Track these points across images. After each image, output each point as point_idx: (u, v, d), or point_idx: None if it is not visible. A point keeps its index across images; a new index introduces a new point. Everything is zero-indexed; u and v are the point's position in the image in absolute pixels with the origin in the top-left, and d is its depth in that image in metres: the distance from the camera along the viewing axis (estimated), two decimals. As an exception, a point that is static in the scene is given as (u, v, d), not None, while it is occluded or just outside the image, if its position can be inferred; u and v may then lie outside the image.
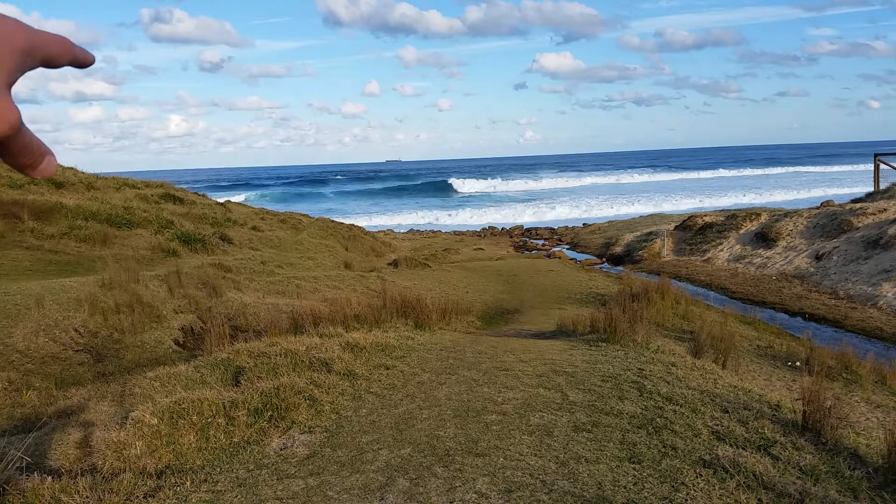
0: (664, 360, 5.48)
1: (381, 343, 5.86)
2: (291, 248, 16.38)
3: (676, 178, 78.80)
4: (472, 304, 11.35)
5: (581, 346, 6.28)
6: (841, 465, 3.34)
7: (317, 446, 3.60)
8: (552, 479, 3.04)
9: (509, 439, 3.55)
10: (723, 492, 2.93)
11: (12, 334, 6.03)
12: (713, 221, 21.15)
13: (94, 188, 15.53)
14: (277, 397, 4.08)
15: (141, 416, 3.69)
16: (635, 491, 2.92)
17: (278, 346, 5.36)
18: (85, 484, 2.95)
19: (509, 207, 48.09)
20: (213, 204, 18.74)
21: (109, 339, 6.57)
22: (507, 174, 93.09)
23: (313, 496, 2.98)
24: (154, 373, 5.12)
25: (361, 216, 44.74)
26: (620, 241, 23.41)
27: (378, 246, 21.83)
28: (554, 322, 8.87)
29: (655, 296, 10.60)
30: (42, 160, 0.47)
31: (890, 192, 19.90)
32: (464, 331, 8.23)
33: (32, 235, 10.55)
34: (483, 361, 5.37)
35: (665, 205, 42.43)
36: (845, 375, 7.49)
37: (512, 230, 34.63)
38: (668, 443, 3.49)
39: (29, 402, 4.91)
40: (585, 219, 38.07)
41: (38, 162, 0.47)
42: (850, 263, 14.92)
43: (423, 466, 3.23)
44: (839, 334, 11.23)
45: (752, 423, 3.82)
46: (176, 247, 12.44)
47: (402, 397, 4.41)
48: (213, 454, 3.54)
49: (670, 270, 18.17)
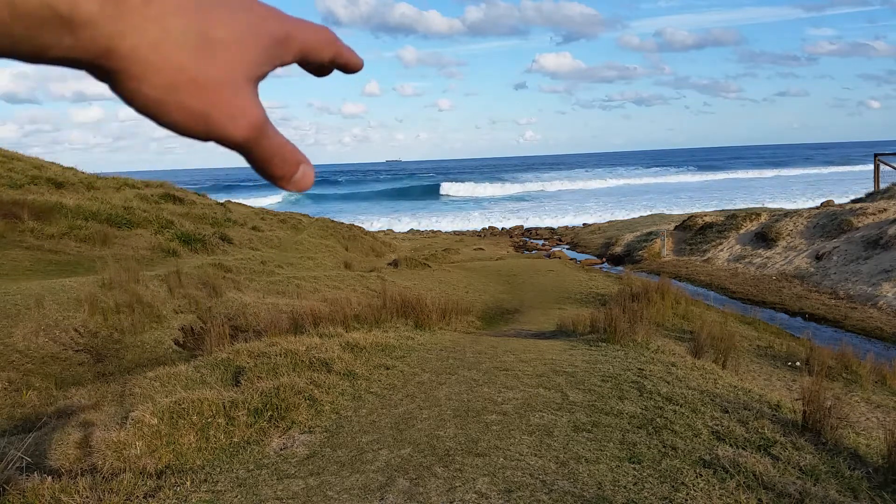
0: (664, 360, 5.48)
1: (381, 343, 5.86)
2: (291, 248, 16.38)
3: (676, 180, 78.70)
4: (472, 304, 11.36)
5: (581, 346, 6.28)
6: (841, 465, 3.34)
7: (317, 446, 3.60)
8: (552, 479, 3.04)
9: (509, 439, 3.55)
10: (723, 492, 2.93)
11: (12, 334, 6.03)
12: (713, 221, 21.15)
13: (94, 188, 15.53)
14: (277, 397, 4.08)
15: (141, 416, 3.69)
16: (635, 491, 2.92)
17: (278, 346, 5.36)
18: (85, 484, 2.95)
19: (509, 208, 48.07)
20: (213, 204, 18.74)
21: (109, 339, 6.57)
22: (507, 175, 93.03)
23: (313, 496, 2.98)
24: (154, 373, 5.12)
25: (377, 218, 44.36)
26: (620, 241, 23.41)
27: (378, 246, 21.84)
28: (554, 322, 8.87)
29: (655, 296, 10.60)
30: (296, 170, 0.39)
31: (890, 192, 19.89)
32: (464, 331, 8.23)
33: (32, 235, 10.55)
34: (483, 361, 5.37)
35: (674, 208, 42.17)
36: (845, 375, 7.49)
37: (512, 230, 34.63)
38: (668, 443, 3.49)
39: (29, 402, 4.91)
40: (585, 219, 38.08)
41: (291, 172, 0.39)
42: (850, 263, 14.92)
43: (423, 466, 3.23)
44: (839, 334, 11.23)
45: (752, 423, 3.82)
46: (176, 247, 12.44)
47: (402, 397, 4.41)
48: (213, 454, 3.54)
49: (670, 270, 18.17)
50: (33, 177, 14.37)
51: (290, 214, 21.32)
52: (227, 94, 0.34)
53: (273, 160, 0.38)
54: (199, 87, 0.33)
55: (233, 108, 0.34)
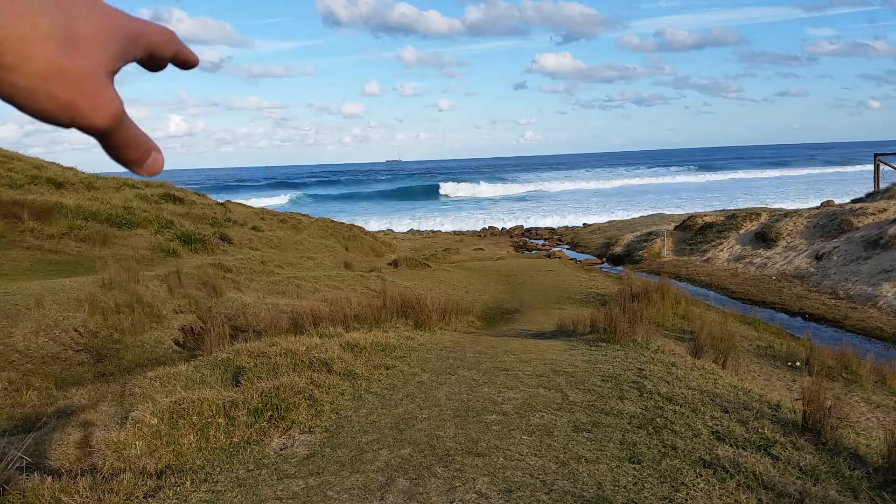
0: (664, 360, 5.48)
1: (381, 343, 5.86)
2: (291, 248, 16.39)
3: (676, 180, 78.68)
4: (472, 304, 11.36)
5: (581, 346, 6.28)
6: (841, 465, 3.34)
7: (317, 446, 3.60)
8: (552, 479, 3.04)
9: (509, 439, 3.55)
10: (723, 492, 2.93)
11: (12, 334, 6.03)
12: (713, 221, 21.15)
13: (94, 188, 15.53)
14: (277, 397, 4.08)
15: (141, 416, 3.69)
16: (635, 491, 2.92)
17: (278, 346, 5.36)
18: (85, 484, 2.95)
19: (509, 208, 48.06)
20: (213, 204, 18.74)
21: (109, 339, 6.57)
22: (507, 175, 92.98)
23: (313, 496, 2.98)
24: (154, 373, 5.12)
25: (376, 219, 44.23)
26: (620, 241, 23.41)
27: (378, 246, 21.84)
28: (554, 322, 8.87)
29: (655, 296, 10.60)
30: (148, 156, 0.43)
31: (890, 192, 19.90)
32: (464, 331, 8.23)
33: (32, 235, 10.55)
34: (483, 361, 5.37)
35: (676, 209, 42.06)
36: (845, 375, 7.49)
37: (512, 230, 34.63)
38: (668, 443, 3.49)
39: (29, 402, 4.91)
40: (585, 219, 38.08)
41: (144, 158, 0.43)
42: (850, 263, 14.92)
43: (423, 466, 3.23)
44: (839, 334, 11.23)
45: (752, 423, 3.82)
46: (176, 247, 12.44)
47: (402, 397, 4.41)
48: (213, 454, 3.54)
49: (670, 270, 18.17)
50: (33, 177, 14.37)
51: (290, 214, 21.32)
52: (92, 85, 0.37)
53: (129, 146, 0.41)
54: (67, 77, 0.36)
55: (96, 98, 0.37)
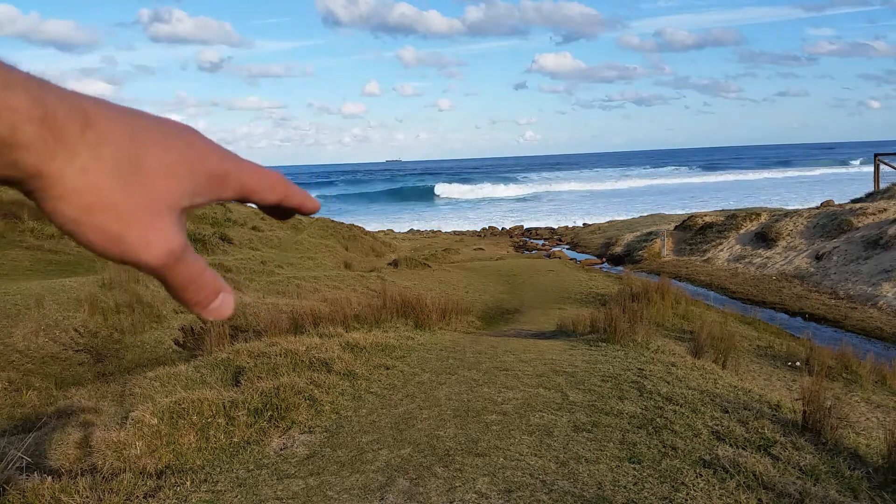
0: (664, 360, 5.48)
1: (381, 343, 5.86)
2: (291, 248, 16.39)
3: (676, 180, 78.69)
4: (472, 304, 11.36)
5: (581, 346, 6.28)
6: (841, 465, 3.34)
7: (317, 446, 3.60)
8: (552, 479, 3.04)
9: (509, 439, 3.55)
10: (723, 492, 2.93)
11: (12, 334, 6.03)
12: (713, 221, 21.15)
13: (94, 188, 15.51)
14: (277, 397, 4.08)
15: (141, 416, 3.69)
16: (635, 491, 2.92)
17: (278, 346, 5.36)
18: (85, 484, 2.96)
19: (509, 208, 48.06)
20: (213, 204, 18.73)
21: (109, 339, 6.57)
22: (508, 175, 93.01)
23: (313, 496, 2.98)
24: (154, 373, 5.12)
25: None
26: (620, 241, 23.41)
27: (378, 246, 21.84)
28: (554, 322, 8.87)
29: (655, 296, 10.60)
30: (213, 298, 0.39)
31: (890, 192, 19.89)
32: (464, 331, 8.23)
33: (32, 235, 10.56)
34: (483, 361, 5.37)
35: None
36: (845, 375, 7.49)
37: (512, 230, 34.63)
38: (668, 443, 3.49)
39: (29, 402, 4.91)
40: (585, 219, 38.07)
41: (207, 301, 0.39)
42: (850, 263, 14.92)
43: (423, 466, 3.23)
44: (839, 334, 11.23)
45: (752, 423, 3.82)
46: (176, 247, 12.42)
47: (402, 397, 4.41)
48: (213, 454, 3.54)
49: (670, 270, 18.17)
50: (33, 177, 14.36)
51: (290, 214, 21.27)
52: (146, 220, 0.35)
53: (189, 287, 0.38)
54: (115, 210, 0.34)
55: (149, 234, 0.35)
